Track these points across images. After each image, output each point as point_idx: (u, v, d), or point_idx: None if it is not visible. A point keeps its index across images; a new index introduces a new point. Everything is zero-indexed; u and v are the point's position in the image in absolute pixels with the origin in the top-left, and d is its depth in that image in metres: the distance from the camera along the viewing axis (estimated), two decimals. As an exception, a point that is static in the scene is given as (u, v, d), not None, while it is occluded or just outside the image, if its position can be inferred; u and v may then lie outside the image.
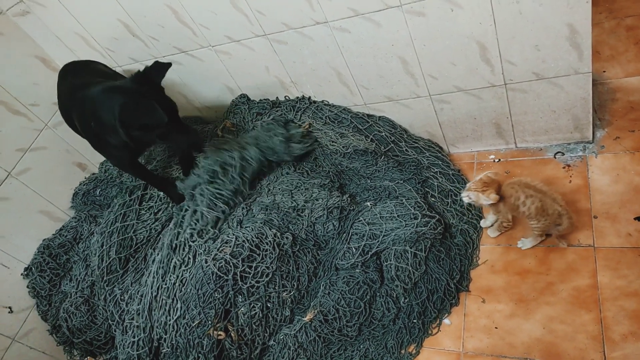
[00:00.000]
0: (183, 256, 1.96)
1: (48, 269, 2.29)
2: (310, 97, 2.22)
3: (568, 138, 1.91)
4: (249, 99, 2.37)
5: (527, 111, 1.85)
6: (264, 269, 1.79)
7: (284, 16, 1.84)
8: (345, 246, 1.82)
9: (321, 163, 2.14)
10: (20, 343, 2.18)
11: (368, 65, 1.89)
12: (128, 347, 1.87)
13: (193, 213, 2.04)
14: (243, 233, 1.85)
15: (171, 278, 1.91)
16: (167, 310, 1.85)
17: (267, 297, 1.79)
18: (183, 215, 2.08)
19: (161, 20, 2.07)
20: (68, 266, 2.33)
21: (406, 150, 2.08)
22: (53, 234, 2.44)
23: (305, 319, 1.74)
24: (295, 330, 1.74)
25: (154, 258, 2.05)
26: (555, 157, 1.93)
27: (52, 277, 2.29)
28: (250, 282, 1.77)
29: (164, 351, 1.82)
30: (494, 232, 1.80)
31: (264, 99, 2.33)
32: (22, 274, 2.31)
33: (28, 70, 2.40)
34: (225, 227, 2.00)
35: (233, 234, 1.86)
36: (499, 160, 2.05)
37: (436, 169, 2.02)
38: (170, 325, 1.82)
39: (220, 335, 1.72)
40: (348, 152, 2.06)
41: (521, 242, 1.74)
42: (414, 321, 1.71)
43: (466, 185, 1.69)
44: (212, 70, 2.26)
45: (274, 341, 1.79)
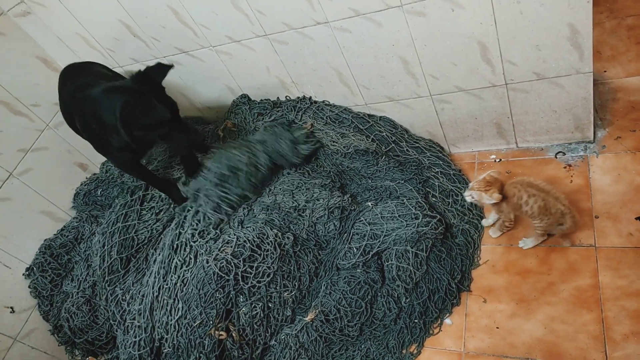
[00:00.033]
0: (184, 256, 1.96)
1: (49, 269, 2.30)
2: (311, 97, 2.22)
3: (569, 138, 1.91)
4: (250, 99, 2.37)
5: (528, 111, 1.85)
6: (265, 269, 1.79)
7: (285, 16, 1.84)
8: (346, 246, 1.82)
9: (322, 163, 2.14)
10: (22, 343, 2.18)
11: (369, 65, 1.89)
12: (129, 347, 1.87)
13: (195, 214, 2.04)
14: (244, 233, 1.85)
15: (172, 278, 1.91)
16: (169, 310, 1.85)
17: (269, 297, 1.79)
18: (185, 215, 2.08)
19: (162, 20, 2.07)
20: (69, 266, 2.33)
21: (407, 150, 2.08)
22: (54, 234, 2.44)
23: (306, 319, 1.74)
24: (296, 330, 1.74)
25: (155, 258, 2.05)
26: (556, 157, 1.93)
27: (54, 277, 2.29)
28: (251, 282, 1.77)
29: (166, 351, 1.83)
30: (496, 232, 1.80)
31: (265, 99, 2.33)
32: (24, 274, 2.32)
33: (29, 70, 2.41)
34: (226, 227, 2.01)
35: (234, 234, 1.86)
36: (500, 160, 2.05)
37: (437, 169, 2.02)
38: (171, 325, 1.82)
39: (221, 335, 1.72)
40: (349, 152, 2.06)
41: (522, 242, 1.73)
42: (415, 321, 1.71)
43: (468, 184, 1.69)
44: (213, 70, 2.26)
45: (275, 341, 1.79)
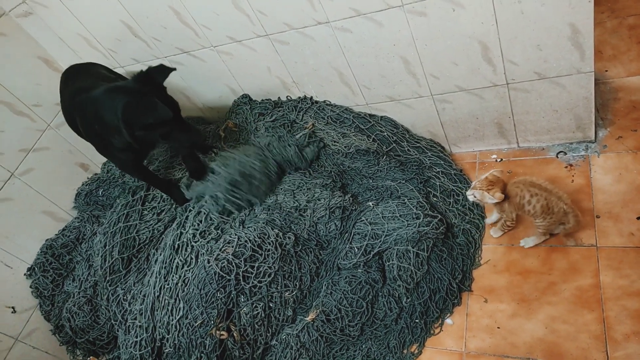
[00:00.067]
0: (185, 256, 1.96)
1: (51, 269, 2.30)
2: (312, 97, 2.22)
3: (570, 137, 1.91)
4: (251, 99, 2.37)
5: (529, 111, 1.85)
6: (266, 269, 1.79)
7: (286, 16, 1.84)
8: (347, 246, 1.82)
9: (323, 163, 2.14)
10: (23, 343, 2.18)
11: (370, 65, 1.89)
12: (131, 347, 1.88)
13: (197, 214, 2.05)
14: (245, 233, 1.85)
15: (174, 278, 1.91)
16: (170, 310, 1.85)
17: (270, 297, 1.79)
18: (187, 215, 2.08)
19: (163, 21, 2.07)
20: (71, 266, 2.33)
21: (408, 150, 2.08)
22: (56, 234, 2.44)
23: (307, 319, 1.74)
24: (297, 330, 1.74)
25: (157, 258, 2.05)
26: (557, 157, 1.93)
27: (55, 277, 2.29)
28: (252, 282, 1.77)
29: (167, 351, 1.83)
30: (497, 232, 1.80)
31: (266, 99, 2.33)
32: (25, 274, 2.32)
33: (31, 71, 2.41)
34: (227, 227, 2.01)
35: (235, 234, 1.86)
36: (501, 160, 2.05)
37: (438, 169, 2.02)
38: (172, 325, 1.82)
39: (222, 335, 1.72)
40: (350, 152, 2.06)
41: (524, 241, 1.73)
42: (416, 321, 1.71)
43: (470, 184, 1.69)
44: (214, 70, 2.26)
45: (277, 341, 1.79)
